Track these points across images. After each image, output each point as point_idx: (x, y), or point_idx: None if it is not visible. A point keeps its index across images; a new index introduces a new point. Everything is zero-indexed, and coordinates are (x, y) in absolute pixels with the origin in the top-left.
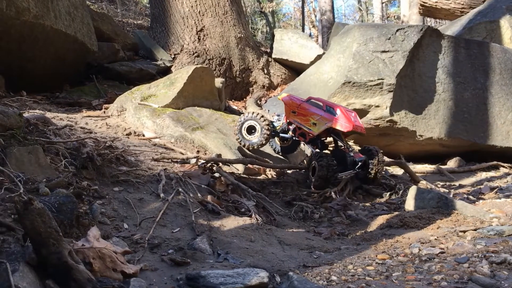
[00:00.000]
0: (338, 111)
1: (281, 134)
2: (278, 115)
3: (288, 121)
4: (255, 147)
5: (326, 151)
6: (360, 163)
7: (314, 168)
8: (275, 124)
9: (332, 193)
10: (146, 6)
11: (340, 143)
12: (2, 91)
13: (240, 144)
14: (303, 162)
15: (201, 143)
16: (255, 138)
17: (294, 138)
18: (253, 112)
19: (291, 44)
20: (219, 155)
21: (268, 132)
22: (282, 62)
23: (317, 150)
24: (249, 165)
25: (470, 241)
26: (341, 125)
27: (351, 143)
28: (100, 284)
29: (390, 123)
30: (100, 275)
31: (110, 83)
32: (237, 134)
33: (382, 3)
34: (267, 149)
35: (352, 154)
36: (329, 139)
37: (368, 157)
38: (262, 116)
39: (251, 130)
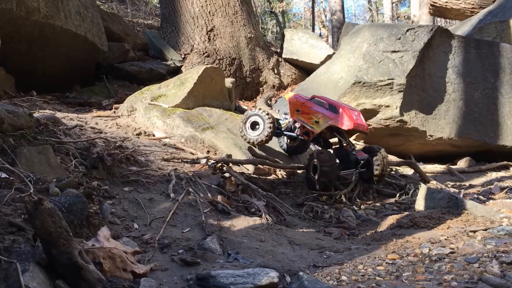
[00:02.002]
0: (340, 110)
1: (285, 132)
2: (285, 114)
3: (293, 119)
4: (255, 143)
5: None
6: (362, 162)
7: (315, 167)
8: (281, 122)
9: (343, 196)
10: (156, 6)
11: (343, 142)
12: (12, 91)
13: (243, 137)
14: None
15: (211, 143)
16: (256, 134)
17: (300, 137)
18: (259, 109)
19: (301, 44)
20: (229, 155)
21: (270, 130)
22: (292, 62)
23: (319, 148)
24: (259, 165)
25: (480, 241)
26: (342, 123)
27: (360, 143)
28: (110, 284)
29: (400, 123)
30: (110, 275)
31: (120, 83)
32: (240, 127)
33: (392, 3)
34: (277, 148)
35: (354, 152)
36: (335, 139)
37: (371, 156)
38: (267, 114)
39: (254, 125)
